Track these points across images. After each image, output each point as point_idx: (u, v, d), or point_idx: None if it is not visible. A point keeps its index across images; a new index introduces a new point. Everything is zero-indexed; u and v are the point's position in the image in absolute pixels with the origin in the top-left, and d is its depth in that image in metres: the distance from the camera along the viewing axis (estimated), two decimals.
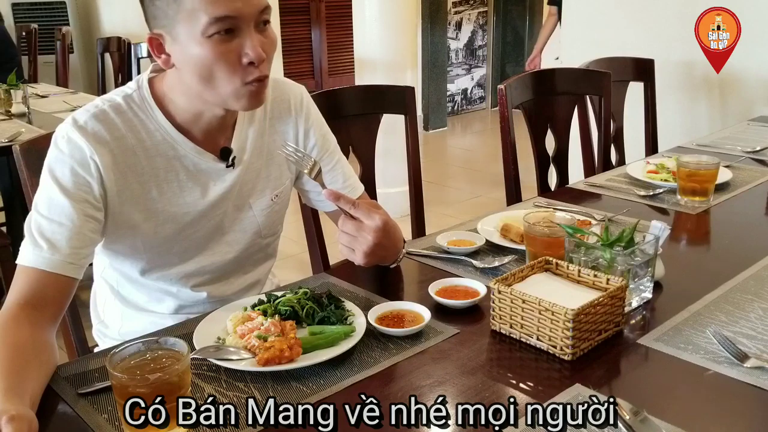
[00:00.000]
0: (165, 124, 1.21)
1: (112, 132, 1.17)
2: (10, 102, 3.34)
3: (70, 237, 1.12)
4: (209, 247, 1.31)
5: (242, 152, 1.29)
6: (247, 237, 1.35)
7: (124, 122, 1.18)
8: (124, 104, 1.20)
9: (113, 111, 1.18)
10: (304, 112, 1.37)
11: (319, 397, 0.96)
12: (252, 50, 1.10)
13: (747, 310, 1.17)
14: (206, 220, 1.28)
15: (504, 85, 2.07)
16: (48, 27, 5.42)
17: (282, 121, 1.35)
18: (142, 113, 1.20)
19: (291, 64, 6.67)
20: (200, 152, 1.24)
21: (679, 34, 2.95)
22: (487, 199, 4.67)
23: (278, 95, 1.35)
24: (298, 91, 1.38)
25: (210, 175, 1.26)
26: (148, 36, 1.14)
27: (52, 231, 1.11)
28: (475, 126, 7.15)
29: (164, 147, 1.21)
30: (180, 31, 1.09)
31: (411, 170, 2.01)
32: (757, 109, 2.90)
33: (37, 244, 1.10)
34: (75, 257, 1.12)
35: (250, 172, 1.31)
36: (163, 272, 1.29)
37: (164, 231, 1.24)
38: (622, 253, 1.15)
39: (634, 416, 0.86)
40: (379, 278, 1.33)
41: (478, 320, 1.17)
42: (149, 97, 1.21)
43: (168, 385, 0.85)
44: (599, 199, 1.80)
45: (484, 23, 7.44)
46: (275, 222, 1.40)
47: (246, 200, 1.32)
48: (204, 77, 1.12)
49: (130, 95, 1.21)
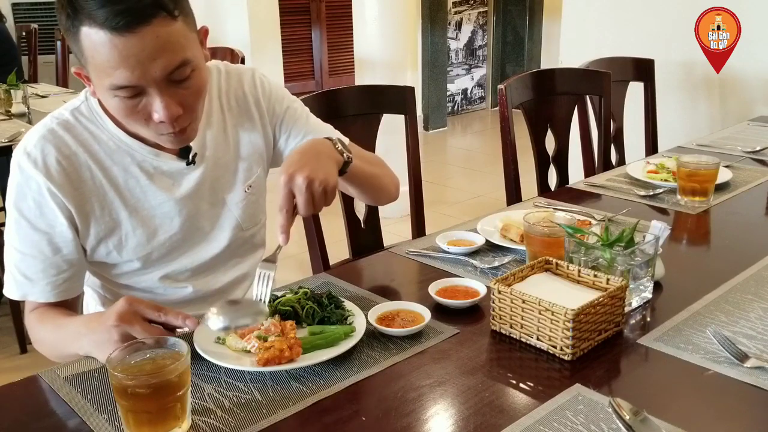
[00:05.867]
0: (116, 132, 1.19)
1: (61, 151, 1.15)
2: (10, 102, 3.34)
3: (44, 268, 1.17)
4: (190, 248, 1.30)
5: (203, 148, 1.26)
6: (227, 233, 1.32)
7: (73, 138, 1.17)
8: (72, 119, 1.18)
9: (62, 128, 1.17)
10: (260, 93, 1.33)
11: (319, 397, 0.96)
12: (161, 111, 1.06)
13: (747, 310, 1.17)
14: (179, 220, 1.26)
15: (504, 85, 2.07)
16: (48, 27, 5.41)
17: (241, 110, 1.32)
18: (92, 125, 1.19)
19: (291, 64, 6.67)
20: (157, 154, 1.21)
21: (679, 34, 2.95)
22: (487, 199, 4.66)
23: (231, 85, 1.32)
24: (249, 75, 1.34)
25: (173, 175, 1.24)
26: (74, 70, 1.12)
27: (26, 265, 1.17)
28: (475, 126, 7.15)
29: (119, 155, 1.20)
30: (92, 78, 1.07)
31: (411, 170, 2.01)
32: (757, 109, 2.90)
33: (16, 278, 1.18)
34: (53, 285, 1.18)
35: (219, 168, 1.29)
36: (144, 275, 1.28)
37: (137, 237, 1.23)
38: (622, 253, 1.15)
39: (634, 416, 0.86)
40: (379, 278, 1.33)
41: (478, 320, 1.17)
42: (98, 107, 1.19)
43: (168, 385, 0.85)
44: (599, 199, 1.80)
45: (484, 23, 7.44)
46: (254, 213, 1.37)
47: (220, 196, 1.30)
48: (122, 121, 1.12)
49: (78, 108, 1.20)
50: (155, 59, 1.01)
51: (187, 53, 1.06)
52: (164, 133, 1.11)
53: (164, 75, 1.04)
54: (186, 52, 1.06)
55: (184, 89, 1.08)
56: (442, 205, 4.51)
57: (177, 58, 1.04)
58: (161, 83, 1.04)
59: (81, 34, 1.01)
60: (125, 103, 1.06)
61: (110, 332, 0.97)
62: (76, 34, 1.01)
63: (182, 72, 1.06)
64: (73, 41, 1.04)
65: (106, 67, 1.01)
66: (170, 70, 1.04)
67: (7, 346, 2.81)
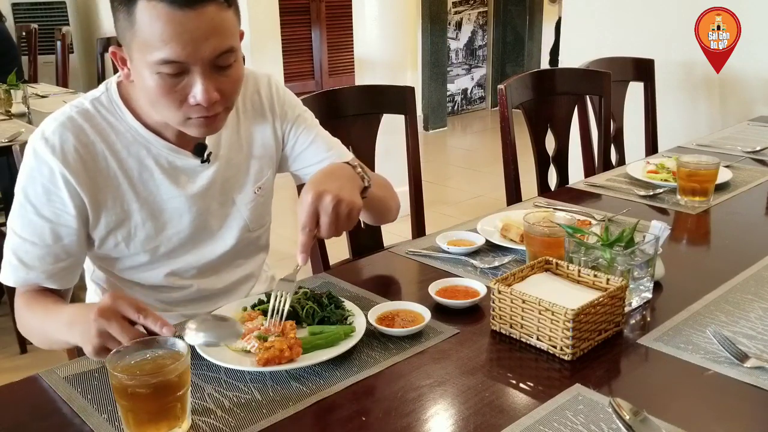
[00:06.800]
0: (135, 125, 1.20)
1: (80, 140, 1.16)
2: (10, 102, 3.34)
3: (43, 256, 1.17)
4: (197, 246, 1.30)
5: (217, 147, 1.28)
6: (235, 233, 1.34)
7: (92, 127, 1.18)
8: (92, 108, 1.19)
9: (81, 117, 1.18)
10: (275, 98, 1.36)
11: (319, 397, 0.96)
12: (201, 94, 1.08)
13: (747, 310, 1.17)
14: (189, 217, 1.27)
15: (504, 85, 2.07)
16: (48, 27, 5.42)
17: (256, 113, 1.34)
18: (111, 116, 1.20)
19: (291, 64, 6.67)
20: (174, 149, 1.23)
21: (679, 34, 2.95)
22: (487, 199, 4.66)
23: (248, 88, 1.33)
24: (265, 81, 1.36)
25: (187, 172, 1.25)
26: (111, 50, 1.14)
27: (25, 251, 1.17)
28: (475, 126, 7.15)
29: (136, 147, 1.21)
30: (135, 56, 1.09)
31: (411, 170, 2.01)
32: (757, 109, 2.90)
33: (12, 263, 1.18)
34: (48, 273, 1.19)
35: (231, 168, 1.30)
36: (150, 272, 1.29)
37: (146, 231, 1.24)
38: (622, 253, 1.15)
39: (634, 416, 0.86)
40: (379, 278, 1.33)
41: (478, 320, 1.17)
42: (118, 99, 1.20)
43: (168, 385, 0.85)
44: (599, 199, 1.80)
45: (484, 23, 7.44)
46: (261, 214, 1.38)
47: (230, 196, 1.32)
48: (152, 103, 1.13)
49: (99, 98, 1.21)
50: (207, 39, 1.05)
51: (234, 42, 1.10)
52: (194, 116, 1.12)
53: (212, 57, 1.07)
54: (234, 41, 1.10)
55: (224, 77, 1.11)
56: (442, 205, 4.51)
57: (227, 42, 1.08)
58: (207, 65, 1.07)
59: (137, 7, 1.03)
60: (165, 81, 1.07)
61: (90, 326, 0.96)
62: (131, 7, 1.04)
63: (227, 58, 1.09)
64: (124, 15, 1.06)
65: (158, 41, 1.03)
66: (218, 53, 1.07)
67: (7, 346, 2.81)
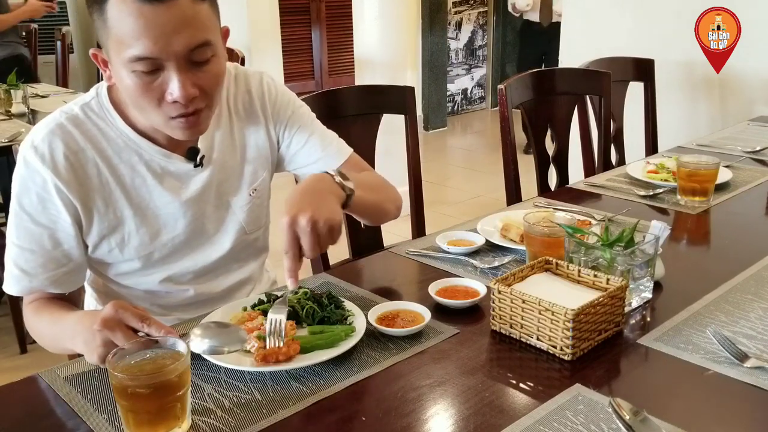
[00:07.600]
0: (126, 130, 1.19)
1: (69, 147, 1.15)
2: (10, 102, 3.34)
3: (44, 263, 1.17)
4: (192, 250, 1.29)
5: (210, 150, 1.26)
6: (231, 236, 1.32)
7: (82, 133, 1.17)
8: (81, 114, 1.18)
9: (71, 123, 1.17)
10: (267, 98, 1.33)
11: (319, 397, 0.96)
12: (177, 90, 1.05)
13: (747, 310, 1.17)
14: (184, 222, 1.26)
15: (504, 85, 2.07)
16: (48, 27, 5.40)
17: (247, 114, 1.32)
18: (102, 121, 1.18)
19: (291, 64, 6.67)
20: (166, 154, 1.21)
21: (679, 34, 2.94)
22: (487, 199, 4.66)
23: (239, 89, 1.31)
24: (257, 79, 1.34)
25: (180, 176, 1.24)
26: (92, 52, 1.13)
27: (25, 259, 1.17)
28: (475, 126, 7.15)
29: (127, 153, 1.19)
30: (112, 56, 1.07)
31: (411, 170, 2.01)
32: (757, 109, 2.90)
33: (13, 273, 1.18)
34: (52, 279, 1.18)
35: (225, 171, 1.29)
36: (146, 277, 1.28)
37: (140, 237, 1.23)
38: (622, 253, 1.15)
39: (634, 416, 0.86)
40: (379, 278, 1.33)
41: (478, 320, 1.17)
42: (108, 104, 1.19)
43: (168, 385, 0.85)
44: (599, 199, 1.80)
45: (484, 23, 7.44)
46: (258, 216, 1.37)
47: (225, 199, 1.30)
48: (133, 104, 1.12)
49: (89, 103, 1.19)
50: (179, 33, 1.03)
51: (210, 36, 1.07)
52: (175, 115, 1.10)
53: (185, 51, 1.05)
54: (209, 34, 1.07)
55: (202, 72, 1.08)
56: (442, 205, 4.51)
57: (200, 36, 1.05)
58: (181, 60, 1.05)
59: (108, 4, 1.02)
60: (141, 79, 1.05)
61: (94, 336, 0.96)
62: (103, 5, 1.03)
63: (203, 53, 1.07)
64: (98, 15, 1.05)
65: (129, 37, 1.02)
66: (192, 46, 1.05)
67: (7, 346, 2.81)
